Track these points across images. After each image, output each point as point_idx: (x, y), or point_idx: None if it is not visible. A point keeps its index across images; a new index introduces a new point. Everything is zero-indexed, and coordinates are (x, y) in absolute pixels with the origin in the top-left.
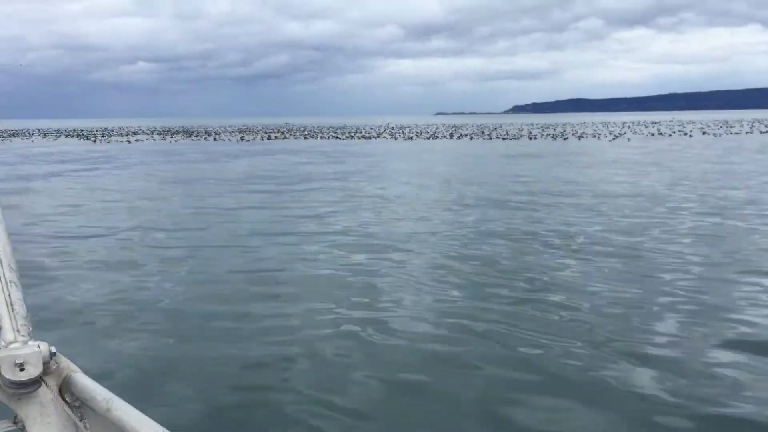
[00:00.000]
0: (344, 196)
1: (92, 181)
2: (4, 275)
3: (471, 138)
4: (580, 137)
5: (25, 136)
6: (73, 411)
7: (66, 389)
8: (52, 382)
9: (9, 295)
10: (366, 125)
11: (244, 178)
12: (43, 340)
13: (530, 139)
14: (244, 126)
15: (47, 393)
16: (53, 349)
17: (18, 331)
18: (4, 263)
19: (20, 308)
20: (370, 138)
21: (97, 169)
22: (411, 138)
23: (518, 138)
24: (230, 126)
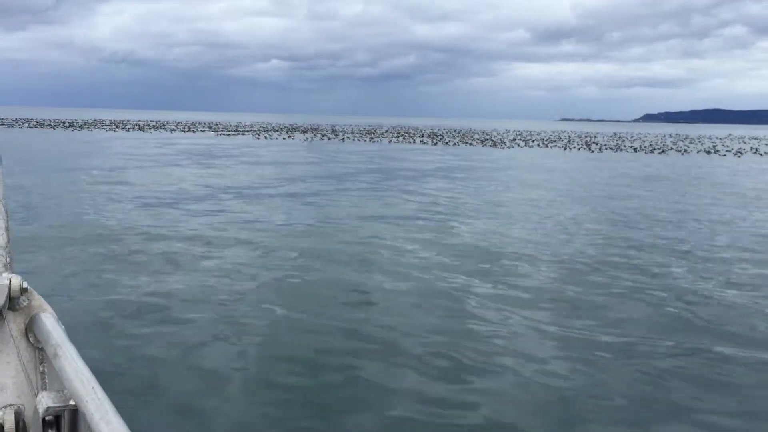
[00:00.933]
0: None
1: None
2: None
3: (614, 151)
4: (737, 153)
5: (166, 129)
6: (35, 352)
7: (30, 328)
8: (19, 319)
9: None
10: (492, 130)
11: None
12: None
13: (682, 153)
14: (369, 126)
15: (11, 329)
16: (25, 284)
17: None
18: None
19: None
20: (502, 146)
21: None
22: (546, 146)
23: (665, 152)
24: (357, 125)
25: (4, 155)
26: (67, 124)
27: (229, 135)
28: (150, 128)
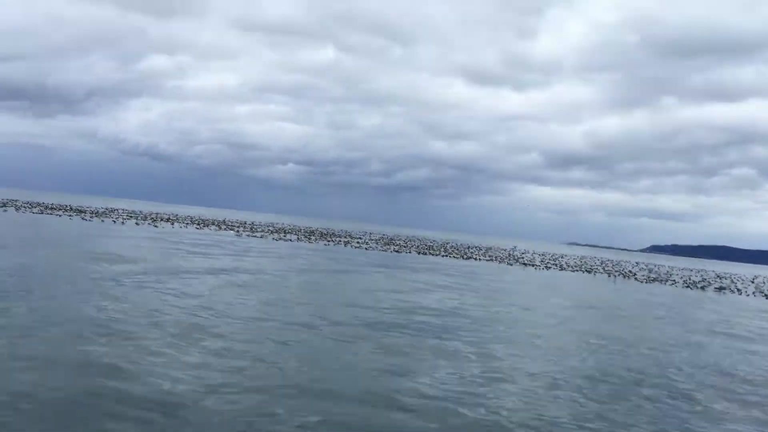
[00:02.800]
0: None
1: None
2: None
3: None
4: None
5: (181, 222)
6: None
7: None
8: None
9: None
10: (516, 249)
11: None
12: None
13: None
14: (384, 235)
15: None
16: None
17: None
18: None
19: None
20: (532, 265)
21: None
22: (581, 271)
23: (704, 288)
24: (372, 233)
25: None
26: (76, 211)
27: (243, 235)
28: (168, 221)
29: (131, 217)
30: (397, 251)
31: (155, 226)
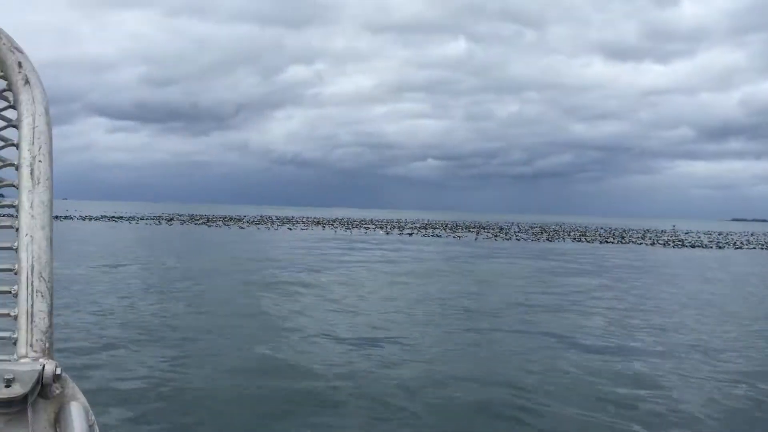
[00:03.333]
0: None
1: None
2: (32, 283)
3: None
4: None
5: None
6: None
7: (59, 418)
8: (50, 408)
9: (32, 306)
10: (674, 228)
11: None
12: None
13: None
14: (533, 224)
15: (39, 419)
16: (59, 371)
17: (32, 345)
18: (36, 270)
19: (41, 322)
20: (701, 245)
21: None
22: None
23: None
24: (519, 223)
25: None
26: (234, 220)
27: (393, 233)
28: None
29: (283, 223)
30: (549, 239)
31: (308, 230)
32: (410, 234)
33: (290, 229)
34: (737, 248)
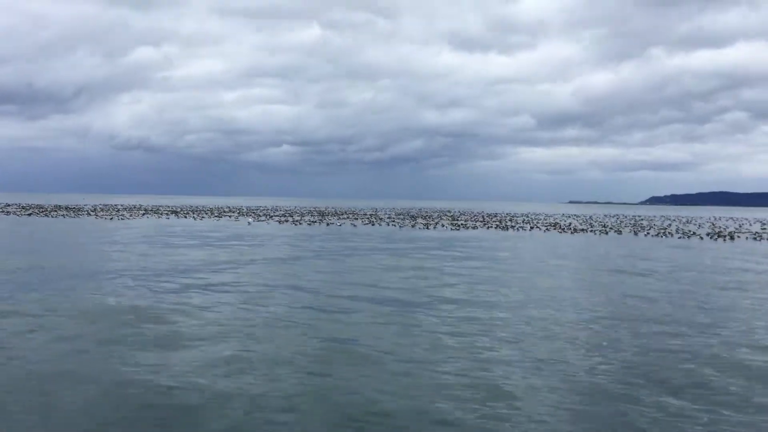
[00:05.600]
0: None
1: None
2: None
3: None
4: None
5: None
6: None
7: None
8: None
9: None
10: (530, 213)
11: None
12: None
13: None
14: (402, 209)
15: None
16: None
17: None
18: None
19: None
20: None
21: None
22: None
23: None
24: (389, 209)
25: None
26: (72, 210)
27: (266, 221)
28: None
29: (135, 211)
30: (426, 226)
31: (166, 218)
32: (280, 221)
33: (148, 218)
34: (574, 232)
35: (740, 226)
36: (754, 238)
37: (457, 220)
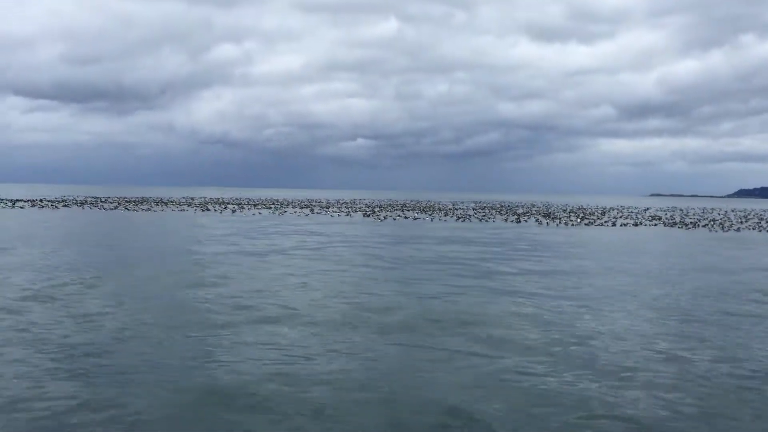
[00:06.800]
0: None
1: None
2: None
3: None
4: None
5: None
6: None
7: None
8: None
9: None
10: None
11: None
12: None
13: None
14: (479, 202)
15: None
16: None
17: None
18: None
19: None
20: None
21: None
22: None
23: None
24: (463, 201)
25: None
26: (160, 204)
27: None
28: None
29: (224, 205)
30: (517, 221)
31: (256, 214)
32: (372, 217)
33: (233, 213)
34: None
35: None
36: None
37: (581, 215)
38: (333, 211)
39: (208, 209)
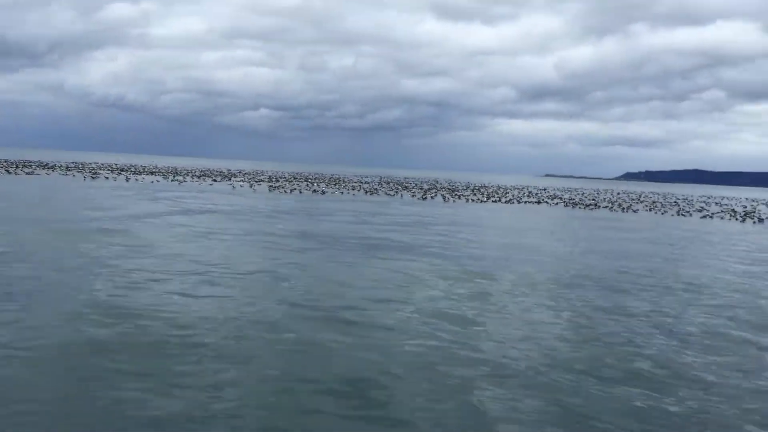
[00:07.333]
0: None
1: None
2: None
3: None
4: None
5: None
6: None
7: None
8: None
9: None
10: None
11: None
12: None
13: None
14: (392, 177)
15: None
16: None
17: None
18: None
19: None
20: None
21: None
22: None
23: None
24: (373, 176)
25: None
26: (45, 167)
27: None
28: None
29: (114, 171)
30: (423, 198)
31: (156, 181)
32: (269, 187)
33: (127, 180)
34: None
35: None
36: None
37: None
38: (238, 182)
39: (98, 175)
